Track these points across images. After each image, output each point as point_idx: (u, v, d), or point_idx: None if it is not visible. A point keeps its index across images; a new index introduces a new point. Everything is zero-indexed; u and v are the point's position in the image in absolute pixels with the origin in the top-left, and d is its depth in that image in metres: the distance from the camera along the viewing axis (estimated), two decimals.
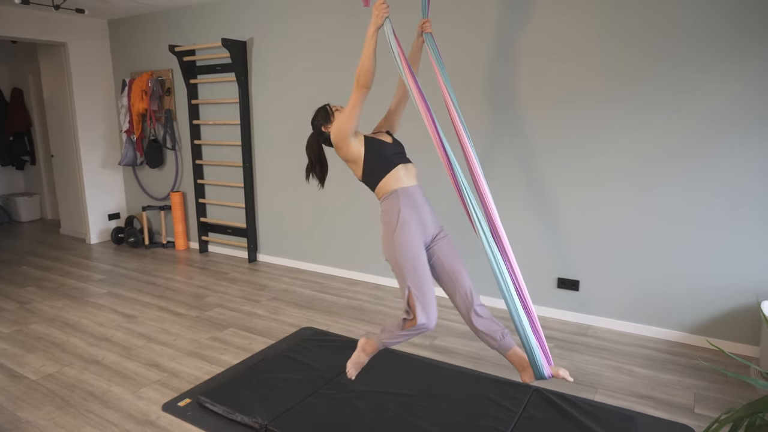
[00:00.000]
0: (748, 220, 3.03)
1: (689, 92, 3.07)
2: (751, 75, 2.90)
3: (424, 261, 2.30)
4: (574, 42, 3.35)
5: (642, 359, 3.10)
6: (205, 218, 5.54)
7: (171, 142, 5.60)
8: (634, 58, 3.19)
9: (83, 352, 3.25)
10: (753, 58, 2.88)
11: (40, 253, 5.60)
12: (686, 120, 3.11)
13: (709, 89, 3.02)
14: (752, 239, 3.04)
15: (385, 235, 2.34)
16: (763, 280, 3.04)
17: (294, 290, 4.36)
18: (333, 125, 2.44)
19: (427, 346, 3.29)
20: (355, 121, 2.31)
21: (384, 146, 2.43)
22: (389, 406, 2.56)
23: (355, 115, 2.30)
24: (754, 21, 2.85)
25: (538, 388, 2.71)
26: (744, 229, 3.05)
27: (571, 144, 3.47)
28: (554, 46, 3.42)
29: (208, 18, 5.04)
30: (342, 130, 2.34)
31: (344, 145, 2.38)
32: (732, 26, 2.90)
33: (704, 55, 3.00)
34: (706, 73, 3.01)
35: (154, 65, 5.58)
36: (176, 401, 2.66)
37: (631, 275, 3.42)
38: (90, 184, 5.92)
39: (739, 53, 2.92)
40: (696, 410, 2.57)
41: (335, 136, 2.39)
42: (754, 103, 2.92)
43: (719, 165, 3.06)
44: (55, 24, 5.39)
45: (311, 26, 4.44)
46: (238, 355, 3.19)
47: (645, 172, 3.27)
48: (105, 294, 4.30)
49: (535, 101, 3.54)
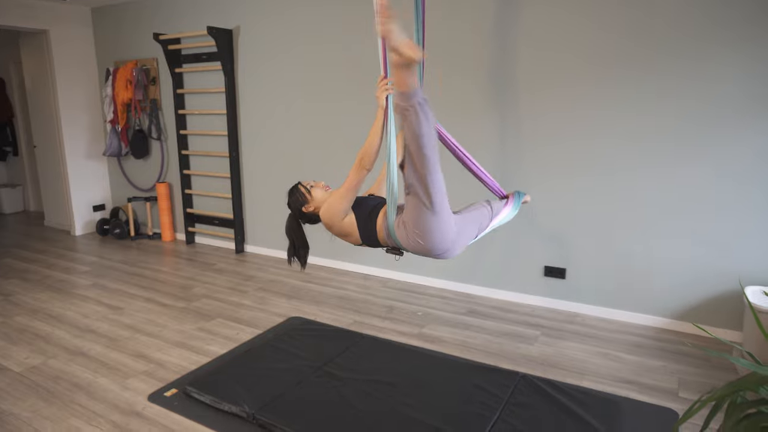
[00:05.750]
0: (731, 207, 3.06)
1: (674, 81, 3.09)
2: (742, 65, 2.92)
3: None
4: (571, 28, 3.34)
5: (628, 345, 3.13)
6: (192, 209, 5.49)
7: (156, 132, 5.53)
8: (625, 43, 3.19)
9: (68, 343, 3.21)
10: (750, 47, 2.90)
11: (23, 245, 5.52)
12: (671, 112, 3.12)
13: (699, 78, 3.04)
14: (736, 226, 3.07)
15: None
16: (746, 266, 3.08)
17: (281, 280, 4.35)
18: (324, 207, 2.28)
19: (416, 334, 3.30)
20: (350, 202, 2.21)
21: (363, 201, 2.32)
22: (377, 394, 2.56)
23: (351, 197, 2.20)
24: (756, 8, 2.84)
25: (526, 374, 2.73)
26: (728, 217, 3.08)
27: (558, 131, 3.47)
28: (550, 33, 3.41)
29: (193, 6, 4.97)
30: (336, 212, 2.23)
31: (337, 223, 2.26)
32: (737, 13, 2.89)
33: (696, 42, 3.01)
34: (695, 60, 3.03)
35: (139, 54, 5.50)
36: (162, 391, 2.65)
37: (617, 263, 3.44)
38: (74, 175, 5.83)
39: (740, 41, 2.93)
40: (680, 394, 2.60)
41: (327, 219, 2.26)
42: (738, 94, 2.94)
43: (704, 155, 3.08)
44: (37, 11, 5.27)
45: (299, 15, 4.39)
46: (225, 345, 3.17)
47: (630, 161, 3.29)
48: (90, 286, 4.25)
49: (521, 88, 3.54)
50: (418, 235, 2.10)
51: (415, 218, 2.09)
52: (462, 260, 3.97)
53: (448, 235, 2.13)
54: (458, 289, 4.04)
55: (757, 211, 3.01)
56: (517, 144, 3.61)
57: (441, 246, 2.15)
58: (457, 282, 4.05)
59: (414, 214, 2.08)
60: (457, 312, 3.64)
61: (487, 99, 3.67)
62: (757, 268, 3.05)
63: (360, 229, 2.26)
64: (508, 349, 3.10)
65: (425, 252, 2.18)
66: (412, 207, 2.08)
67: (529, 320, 3.50)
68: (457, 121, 3.70)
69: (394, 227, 2.16)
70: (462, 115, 3.74)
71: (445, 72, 3.75)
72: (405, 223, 2.13)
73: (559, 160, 3.50)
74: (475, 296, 3.93)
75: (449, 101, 3.76)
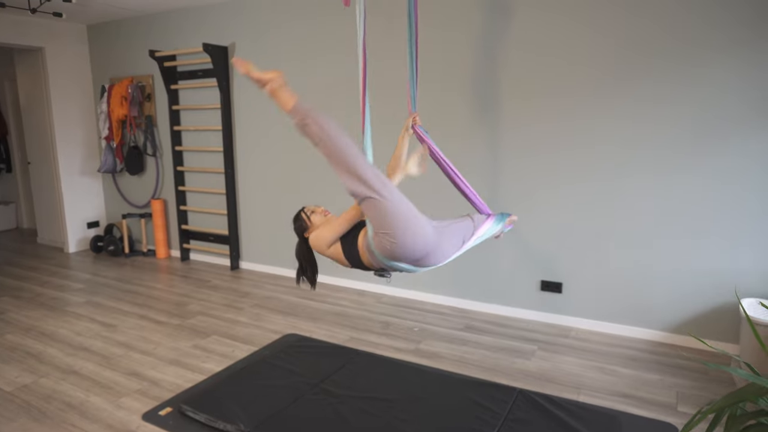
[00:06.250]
0: (725, 221, 3.09)
1: (678, 90, 3.13)
2: (741, 71, 2.97)
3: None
4: (563, 36, 3.39)
5: (625, 359, 3.12)
6: (187, 225, 5.47)
7: (151, 149, 5.52)
8: (626, 52, 3.22)
9: (60, 362, 3.17)
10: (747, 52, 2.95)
11: (15, 262, 5.47)
12: (667, 119, 3.16)
13: (695, 84, 3.08)
14: (730, 239, 3.09)
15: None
16: (741, 278, 3.09)
17: (277, 297, 4.32)
18: (313, 234, 2.34)
19: (412, 350, 3.28)
20: (339, 234, 2.26)
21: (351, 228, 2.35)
22: (374, 411, 2.54)
23: (342, 230, 2.25)
24: (752, 15, 2.88)
25: (523, 390, 2.71)
26: (722, 230, 3.10)
27: (551, 143, 3.50)
28: (544, 41, 3.45)
29: (189, 23, 5.01)
30: (321, 242, 2.29)
31: (323, 251, 2.32)
32: (733, 19, 2.92)
33: (696, 49, 3.06)
34: (691, 66, 3.07)
35: (134, 71, 5.52)
36: (157, 410, 2.61)
37: (613, 277, 3.45)
38: (68, 191, 5.80)
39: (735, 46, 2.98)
40: (679, 408, 2.59)
41: (314, 246, 2.34)
42: (735, 107, 2.98)
43: (698, 169, 3.12)
44: (32, 28, 5.30)
45: (294, 32, 4.43)
46: (221, 362, 3.14)
47: (624, 177, 3.31)
48: (83, 303, 4.21)
49: (515, 98, 3.57)
50: (389, 235, 2.05)
51: (377, 218, 2.05)
52: (458, 275, 3.97)
53: (419, 230, 2.07)
54: (454, 305, 4.03)
55: (752, 223, 3.03)
56: (513, 157, 3.64)
57: (416, 246, 2.08)
58: (453, 297, 4.04)
59: (374, 215, 2.04)
60: (454, 327, 3.63)
61: (483, 112, 3.70)
62: (753, 279, 3.06)
63: (345, 256, 2.28)
64: (505, 364, 3.09)
65: (404, 256, 2.11)
66: (370, 211, 2.04)
67: (526, 335, 3.49)
68: (450, 137, 3.73)
69: (372, 242, 2.12)
70: (454, 130, 3.76)
71: (437, 88, 3.79)
72: (375, 231, 2.09)
73: (553, 173, 3.53)
74: (472, 311, 3.92)
75: (443, 117, 3.79)
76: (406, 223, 2.04)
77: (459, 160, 3.74)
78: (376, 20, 3.90)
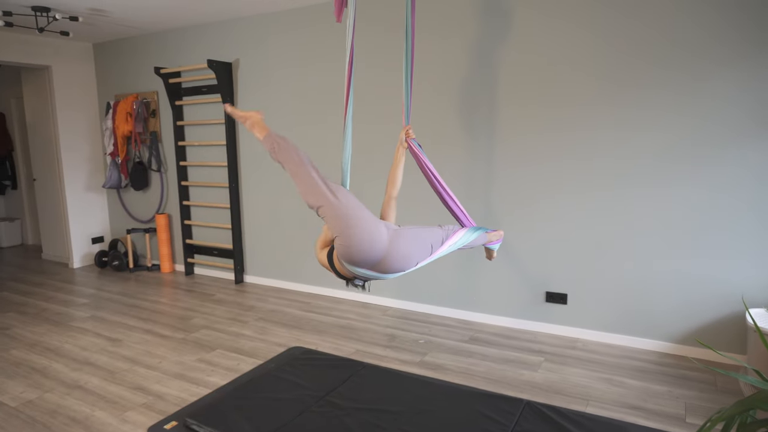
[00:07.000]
0: (732, 230, 3.08)
1: (679, 100, 3.15)
2: (742, 81, 2.99)
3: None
4: (567, 45, 3.42)
5: (632, 371, 3.10)
6: (191, 240, 5.48)
7: (156, 164, 5.56)
8: (631, 61, 3.25)
9: (65, 377, 3.16)
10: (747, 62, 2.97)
11: (21, 278, 5.48)
12: (669, 130, 3.18)
13: (698, 98, 3.10)
14: (737, 249, 3.08)
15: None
16: (748, 288, 3.08)
17: (281, 310, 4.32)
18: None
19: (418, 362, 3.27)
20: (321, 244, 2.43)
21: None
22: (380, 423, 2.52)
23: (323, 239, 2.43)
24: (753, 27, 2.92)
25: (530, 401, 2.69)
26: (729, 240, 3.10)
27: (557, 158, 3.52)
28: (547, 51, 3.48)
29: (193, 40, 5.07)
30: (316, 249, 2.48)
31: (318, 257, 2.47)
32: (734, 31, 2.96)
33: (698, 60, 3.09)
34: (699, 80, 3.10)
35: (139, 87, 5.58)
36: (162, 424, 2.59)
37: (618, 287, 3.44)
38: (73, 207, 5.84)
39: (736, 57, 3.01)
40: (687, 420, 2.57)
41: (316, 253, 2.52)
42: (734, 121, 3.00)
43: (703, 179, 3.12)
44: (39, 47, 5.38)
45: (297, 47, 4.49)
46: (226, 376, 3.13)
47: (630, 188, 3.32)
48: (88, 318, 4.21)
49: (516, 106, 3.60)
50: (341, 237, 2.13)
51: (331, 223, 2.15)
52: (463, 287, 3.96)
53: (369, 228, 2.13)
54: (460, 317, 4.02)
55: (756, 231, 3.03)
56: (513, 167, 3.65)
57: (372, 246, 2.12)
58: (458, 309, 4.03)
59: (329, 220, 2.16)
60: (460, 339, 3.62)
61: (481, 122, 3.73)
62: (758, 288, 3.05)
63: (329, 263, 2.35)
64: (511, 375, 3.07)
65: (360, 258, 2.15)
66: (326, 218, 2.17)
67: (532, 346, 3.48)
68: (447, 148, 3.75)
69: (337, 249, 2.21)
70: (450, 141, 3.79)
71: (432, 98, 3.82)
72: (334, 237, 2.19)
73: (554, 182, 3.54)
74: (477, 323, 3.91)
75: (437, 127, 3.82)
76: (357, 222, 2.13)
77: (456, 171, 3.79)
78: (374, 30, 3.95)
